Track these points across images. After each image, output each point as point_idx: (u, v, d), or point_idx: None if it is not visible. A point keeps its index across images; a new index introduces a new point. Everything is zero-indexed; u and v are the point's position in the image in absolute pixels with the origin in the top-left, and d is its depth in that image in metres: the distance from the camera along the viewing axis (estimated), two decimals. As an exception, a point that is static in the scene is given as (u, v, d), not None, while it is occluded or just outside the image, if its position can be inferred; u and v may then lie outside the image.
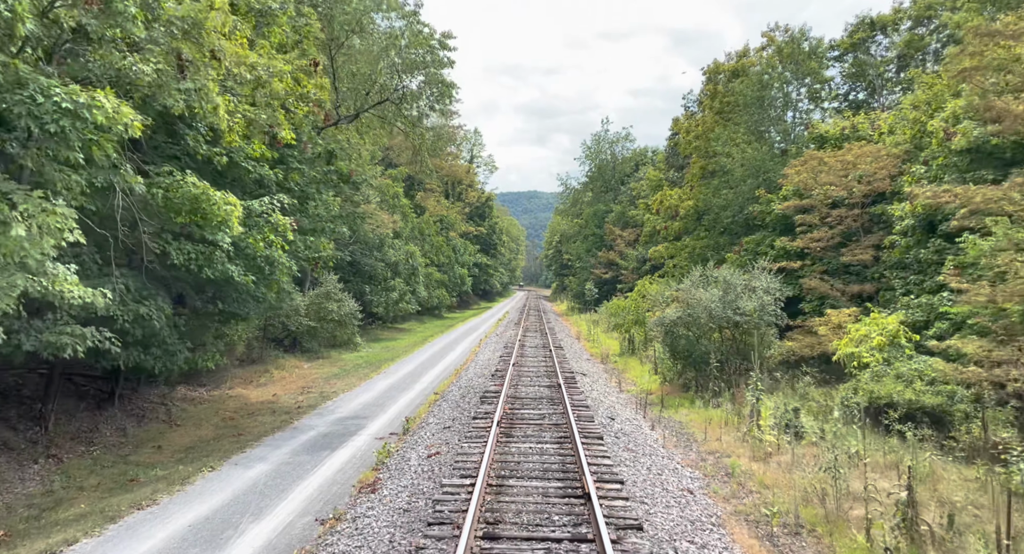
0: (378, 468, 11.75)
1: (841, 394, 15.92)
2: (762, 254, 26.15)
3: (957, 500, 10.01)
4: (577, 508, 8.93)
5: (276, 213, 14.07)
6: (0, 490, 10.67)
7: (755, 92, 30.76)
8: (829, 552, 8.73)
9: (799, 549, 8.90)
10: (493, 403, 16.11)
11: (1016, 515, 9.13)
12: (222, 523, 9.27)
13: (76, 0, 7.13)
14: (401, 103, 21.62)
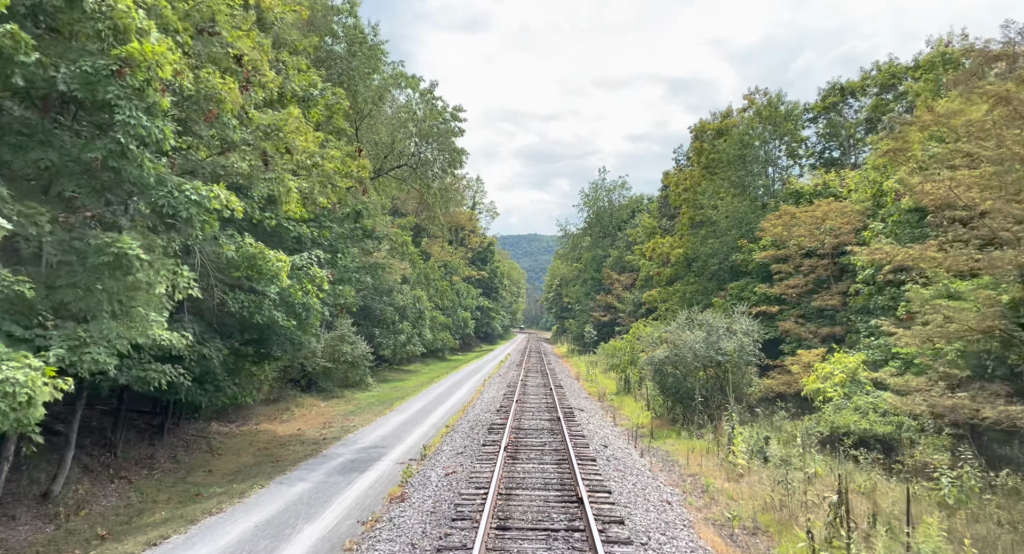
0: (403, 484, 13.82)
1: (805, 424, 18.03)
2: (745, 299, 28.52)
3: (884, 506, 12.08)
4: (572, 509, 11.03)
5: (314, 266, 16.46)
6: (91, 503, 12.74)
7: (737, 150, 33.67)
8: (776, 545, 10.79)
9: (753, 544, 10.95)
10: (499, 433, 18.19)
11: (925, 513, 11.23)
12: (281, 524, 11.34)
13: (199, 116, 9.66)
14: (417, 167, 24.46)
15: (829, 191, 28.43)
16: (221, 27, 10.15)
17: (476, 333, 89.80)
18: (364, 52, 22.36)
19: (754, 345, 23.14)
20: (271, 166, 11.26)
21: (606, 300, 66.92)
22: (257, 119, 10.73)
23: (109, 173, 8.37)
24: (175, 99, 9.06)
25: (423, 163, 23.92)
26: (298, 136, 11.66)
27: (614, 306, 64.46)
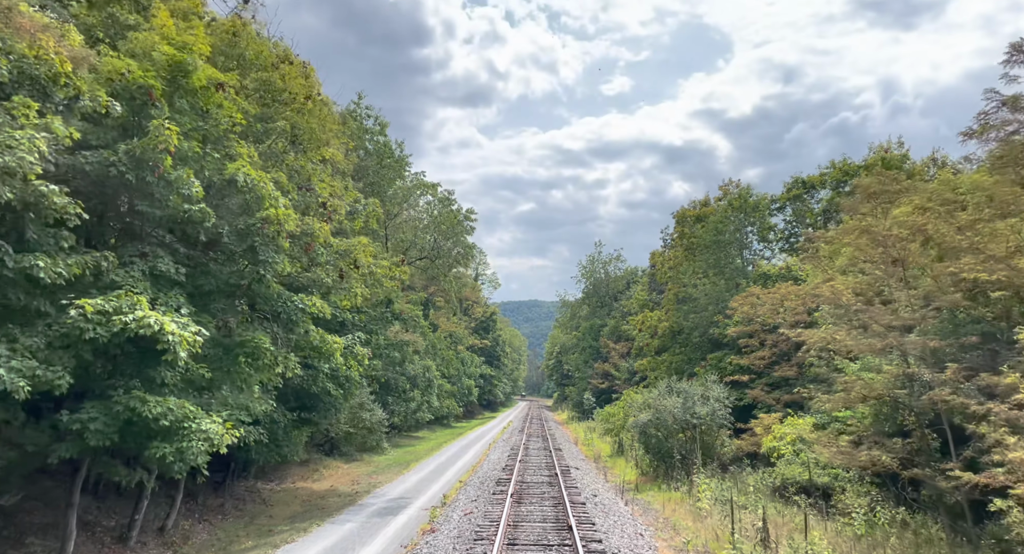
0: (431, 522, 17.37)
1: (760, 476, 21.59)
2: (721, 369, 32.35)
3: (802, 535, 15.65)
4: (564, 533, 14.66)
5: (357, 345, 20.53)
6: (192, 537, 16.32)
7: (713, 236, 38.33)
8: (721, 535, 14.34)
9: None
10: (506, 485, 21.74)
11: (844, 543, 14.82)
12: (343, 548, 14.91)
13: (301, 247, 13.97)
14: (435, 259, 29.03)
15: (791, 274, 32.79)
16: (314, 184, 14.58)
17: (479, 400, 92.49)
18: (391, 164, 27.31)
19: (724, 410, 26.82)
20: (346, 279, 15.54)
21: (603, 368, 70.34)
22: (336, 245, 15.10)
23: (249, 292, 12.57)
24: (290, 239, 13.38)
25: (440, 255, 28.51)
26: (362, 255, 15.98)
27: (611, 373, 67.84)
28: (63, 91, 10.10)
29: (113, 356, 10.49)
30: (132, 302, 9.90)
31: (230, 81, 13.14)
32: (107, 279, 10.54)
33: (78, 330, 9.43)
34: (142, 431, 10.30)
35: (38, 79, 9.62)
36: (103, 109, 10.59)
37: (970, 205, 13.61)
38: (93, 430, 9.88)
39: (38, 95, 9.78)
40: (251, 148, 13.20)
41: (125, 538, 13.91)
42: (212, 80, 12.41)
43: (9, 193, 8.71)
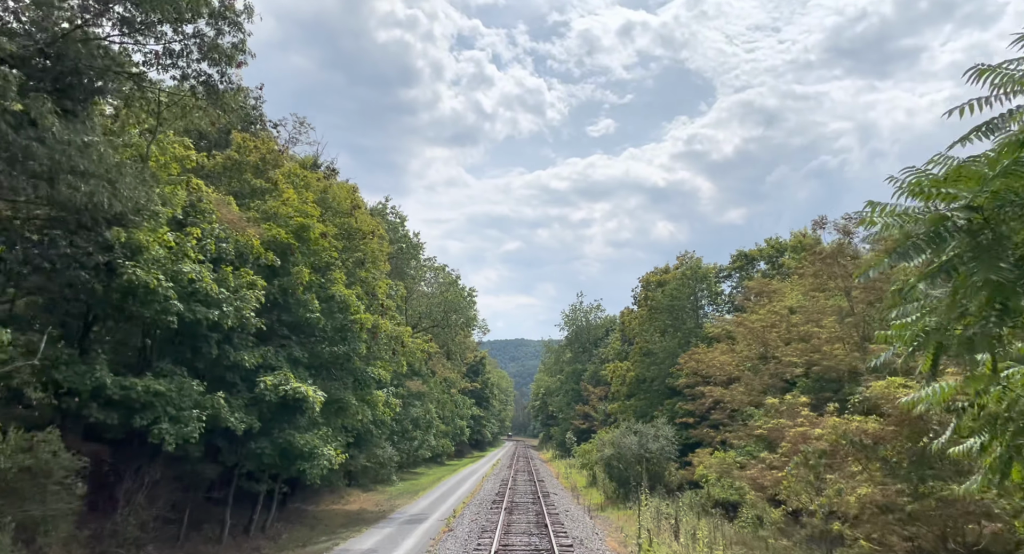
0: (448, 526, 24.21)
1: (693, 496, 28.64)
2: (674, 413, 39.54)
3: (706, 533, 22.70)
4: (542, 529, 21.66)
5: (391, 397, 27.60)
6: (282, 533, 23.04)
7: (669, 301, 46.04)
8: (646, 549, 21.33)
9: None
10: (500, 504, 28.61)
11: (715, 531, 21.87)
12: (389, 542, 21.73)
13: (371, 339, 21.14)
14: (443, 327, 36.38)
15: (730, 335, 40.37)
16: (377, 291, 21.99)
17: (469, 440, 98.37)
18: (408, 249, 34.83)
19: (672, 446, 33.96)
20: (397, 354, 22.70)
21: (584, 410, 77.08)
22: (389, 330, 22.32)
23: (342, 366, 19.77)
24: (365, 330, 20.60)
25: (448, 325, 35.84)
26: (407, 338, 23.17)
27: (590, 415, 74.57)
28: (252, 254, 17.49)
29: (277, 408, 17.58)
30: (286, 377, 17.12)
31: (330, 231, 20.64)
32: (269, 362, 17.78)
33: (263, 395, 16.61)
34: (291, 455, 17.37)
35: (244, 252, 17.02)
36: (269, 262, 17.98)
37: (798, 310, 21.20)
38: (267, 453, 16.96)
39: (240, 260, 17.18)
40: (340, 272, 20.61)
41: (247, 530, 20.72)
42: (321, 232, 19.89)
43: (231, 321, 16.00)
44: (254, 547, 20.75)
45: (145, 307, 14.00)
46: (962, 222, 5.55)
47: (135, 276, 13.36)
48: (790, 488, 16.47)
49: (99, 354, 13.91)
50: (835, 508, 13.46)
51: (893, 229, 6.26)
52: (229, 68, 16.39)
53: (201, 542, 18.85)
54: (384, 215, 34.12)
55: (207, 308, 14.99)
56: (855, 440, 12.43)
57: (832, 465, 14.22)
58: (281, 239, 18.62)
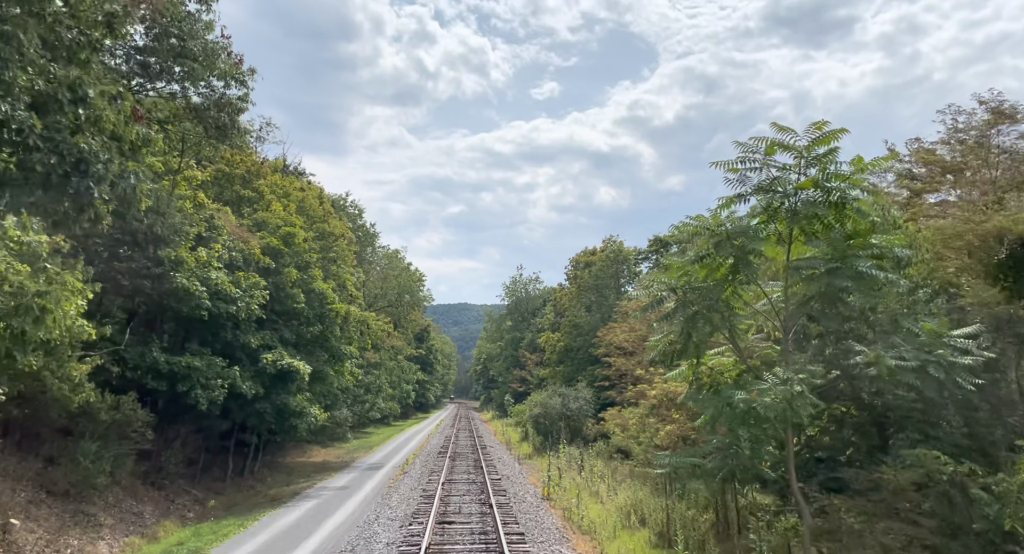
0: (402, 471, 30.15)
1: (602, 446, 35.49)
2: (594, 377, 46.36)
3: (606, 471, 29.45)
4: (479, 472, 27.89)
5: (355, 368, 32.98)
6: (264, 478, 28.46)
7: (594, 281, 52.59)
8: (556, 480, 27.88)
9: (547, 480, 27.99)
10: (445, 454, 34.74)
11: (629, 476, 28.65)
12: (357, 482, 27.50)
13: (344, 322, 26.27)
14: (397, 307, 41.61)
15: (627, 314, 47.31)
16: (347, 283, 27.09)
17: (414, 403, 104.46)
18: (365, 237, 39.69)
19: (589, 406, 40.74)
20: (364, 334, 28.04)
21: (521, 374, 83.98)
22: (358, 315, 27.56)
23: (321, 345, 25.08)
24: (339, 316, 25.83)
25: (400, 304, 41.03)
26: (372, 321, 28.43)
27: (527, 379, 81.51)
28: (254, 259, 22.46)
29: (274, 379, 22.82)
30: (282, 354, 22.41)
31: (309, 236, 25.64)
32: (267, 343, 22.99)
33: (265, 368, 21.89)
34: (286, 413, 22.78)
35: (249, 258, 22.00)
36: (266, 265, 22.98)
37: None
38: (268, 412, 22.33)
39: (246, 265, 22.15)
40: (319, 269, 25.73)
41: (242, 473, 26.11)
42: (303, 238, 24.92)
43: (244, 314, 21.12)
44: (249, 485, 26.17)
45: (184, 304, 19.02)
46: (666, 294, 11.63)
47: (180, 283, 18.37)
48: (635, 428, 23.20)
49: (153, 340, 18.86)
50: (656, 441, 20.00)
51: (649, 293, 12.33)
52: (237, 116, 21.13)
53: (211, 480, 24.12)
54: (344, 208, 38.87)
55: (227, 304, 20.07)
56: (669, 398, 18.84)
57: (660, 414, 20.77)
58: (273, 245, 23.60)
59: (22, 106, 7.92)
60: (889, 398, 11.61)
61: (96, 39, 9.23)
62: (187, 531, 17.36)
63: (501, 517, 17.68)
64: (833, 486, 11.71)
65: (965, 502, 9.15)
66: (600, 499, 22.76)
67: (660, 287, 12.29)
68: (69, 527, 14.60)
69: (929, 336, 10.84)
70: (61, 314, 9.88)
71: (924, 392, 10.61)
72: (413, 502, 20.98)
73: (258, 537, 16.45)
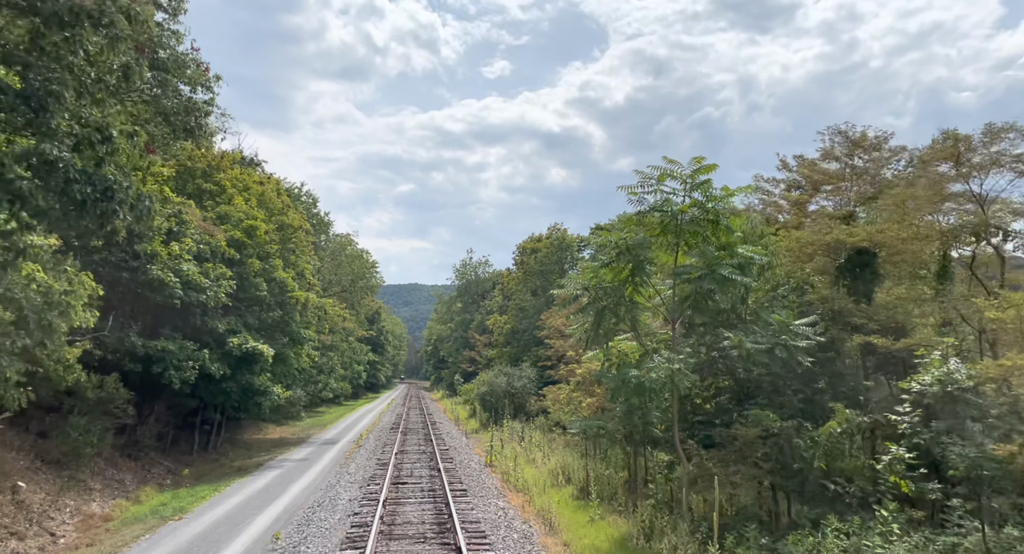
0: (357, 445, 32.60)
1: (542, 420, 38.72)
2: (538, 357, 49.52)
3: (542, 442, 32.63)
4: (429, 444, 30.63)
5: (312, 350, 35.05)
6: (225, 453, 30.49)
7: (539, 267, 55.59)
8: (499, 452, 30.90)
9: (490, 450, 30.97)
10: (397, 430, 37.33)
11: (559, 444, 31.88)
12: (313, 456, 29.85)
13: (304, 308, 28.26)
14: (351, 292, 43.55)
15: (583, 296, 50.65)
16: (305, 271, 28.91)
17: (364, 383, 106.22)
18: (319, 224, 41.40)
19: (532, 384, 43.89)
20: (322, 320, 30.11)
21: (471, 355, 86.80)
22: (315, 302, 29.61)
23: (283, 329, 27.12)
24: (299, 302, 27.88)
25: (354, 290, 42.92)
26: (329, 307, 30.47)
27: (476, 359, 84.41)
28: (220, 251, 24.33)
29: (239, 360, 24.83)
30: (246, 338, 24.49)
31: (270, 228, 27.51)
32: (233, 328, 24.99)
33: (231, 351, 23.95)
34: (251, 392, 24.89)
35: (217, 251, 23.87)
36: (231, 256, 24.87)
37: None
38: (234, 392, 24.41)
39: (213, 256, 24.02)
40: (279, 259, 27.68)
41: (206, 448, 28.14)
42: (265, 231, 26.82)
43: (212, 302, 23.08)
44: (213, 459, 28.20)
45: (158, 294, 20.91)
46: (581, 292, 14.50)
47: (155, 275, 20.25)
48: (565, 401, 26.46)
49: (131, 326, 20.68)
50: (581, 412, 23.17)
51: (569, 290, 15.18)
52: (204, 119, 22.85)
53: (179, 454, 26.07)
54: (299, 198, 40.36)
55: (197, 293, 22.00)
56: (592, 375, 21.96)
57: (585, 389, 23.93)
58: (237, 238, 25.46)
59: (66, 148, 10.02)
60: (751, 373, 14.83)
61: (112, 84, 11.25)
62: (166, 495, 19.51)
63: (448, 478, 20.46)
64: (708, 442, 14.90)
65: (789, 448, 12.35)
66: (535, 464, 25.83)
67: (576, 286, 15.16)
68: (65, 490, 16.64)
69: (778, 325, 14.04)
70: (80, 308, 11.92)
71: (772, 368, 13.83)
72: (370, 469, 23.56)
73: (233, 499, 18.77)
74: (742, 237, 14.85)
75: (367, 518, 15.11)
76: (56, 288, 11.28)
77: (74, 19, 9.92)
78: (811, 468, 12.13)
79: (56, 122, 9.85)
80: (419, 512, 16.12)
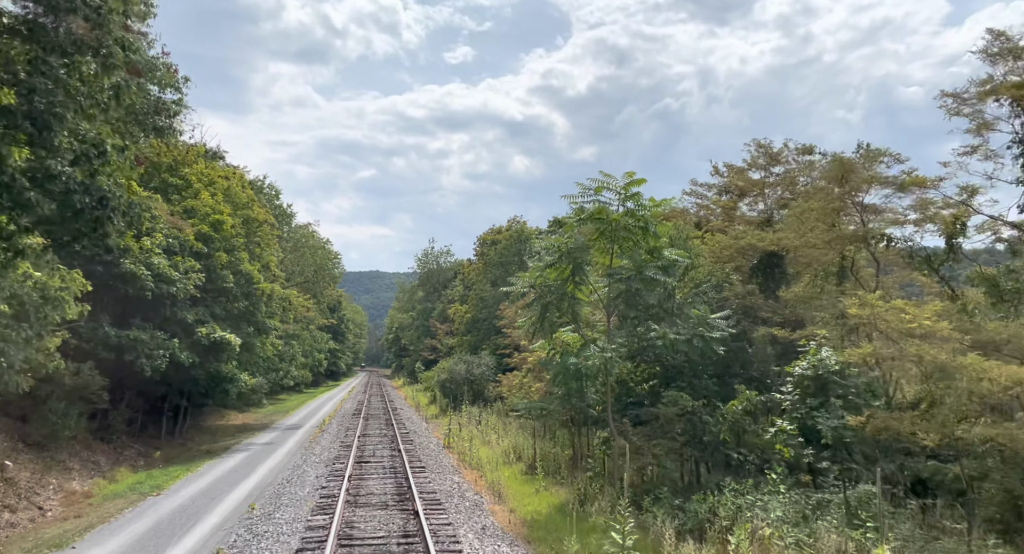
0: (320, 430, 34.02)
1: (499, 405, 40.69)
2: (497, 345, 51.42)
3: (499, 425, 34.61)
4: (391, 429, 32.27)
5: (276, 339, 36.20)
6: (193, 437, 31.57)
7: (499, 258, 57.38)
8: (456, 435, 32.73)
9: (448, 433, 32.80)
10: (359, 415, 38.81)
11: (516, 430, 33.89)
12: (277, 440, 31.19)
13: (269, 299, 29.43)
14: (315, 283, 44.59)
15: (540, 287, 52.68)
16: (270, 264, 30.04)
17: (325, 371, 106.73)
18: (282, 216, 42.27)
19: (491, 371, 45.80)
20: (286, 310, 31.23)
21: (432, 343, 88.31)
22: (280, 293, 30.73)
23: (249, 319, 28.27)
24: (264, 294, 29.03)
25: (317, 281, 43.97)
26: (293, 298, 31.61)
27: (437, 347, 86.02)
28: (189, 245, 25.38)
29: (208, 349, 25.97)
30: (214, 328, 25.68)
31: (236, 222, 28.56)
32: (201, 318, 26.14)
33: (200, 340, 25.13)
34: (219, 379, 26.10)
35: (186, 245, 24.93)
36: (199, 249, 25.93)
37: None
38: (202, 379, 25.59)
39: (181, 250, 25.08)
40: (245, 252, 28.79)
41: (172, 433, 29.24)
42: (231, 225, 27.90)
43: (182, 294, 24.22)
44: (180, 443, 29.32)
45: (130, 286, 21.98)
46: (528, 289, 16.36)
47: (128, 268, 21.34)
48: (518, 386, 28.47)
49: (104, 316, 21.69)
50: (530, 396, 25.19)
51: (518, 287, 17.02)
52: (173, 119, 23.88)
53: (148, 438, 27.14)
54: (262, 190, 41.13)
55: (168, 285, 23.11)
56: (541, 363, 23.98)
57: (536, 375, 25.97)
58: (204, 231, 26.52)
59: (66, 162, 11.32)
60: (676, 359, 16.96)
61: (104, 102, 12.50)
62: (141, 475, 20.77)
63: (408, 458, 22.20)
64: (638, 421, 17.00)
65: (701, 424, 14.48)
66: (490, 445, 27.76)
67: (524, 284, 17.02)
68: (47, 470, 17.81)
69: (697, 318, 16.16)
70: (72, 302, 13.15)
71: (691, 355, 15.95)
72: (334, 450, 25.14)
73: (205, 477, 20.16)
74: (668, 242, 16.90)
75: (334, 491, 16.77)
76: (52, 285, 12.52)
77: (75, 49, 11.23)
78: (718, 440, 14.28)
79: (58, 140, 11.16)
80: (381, 485, 17.84)
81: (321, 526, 13.39)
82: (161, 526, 14.34)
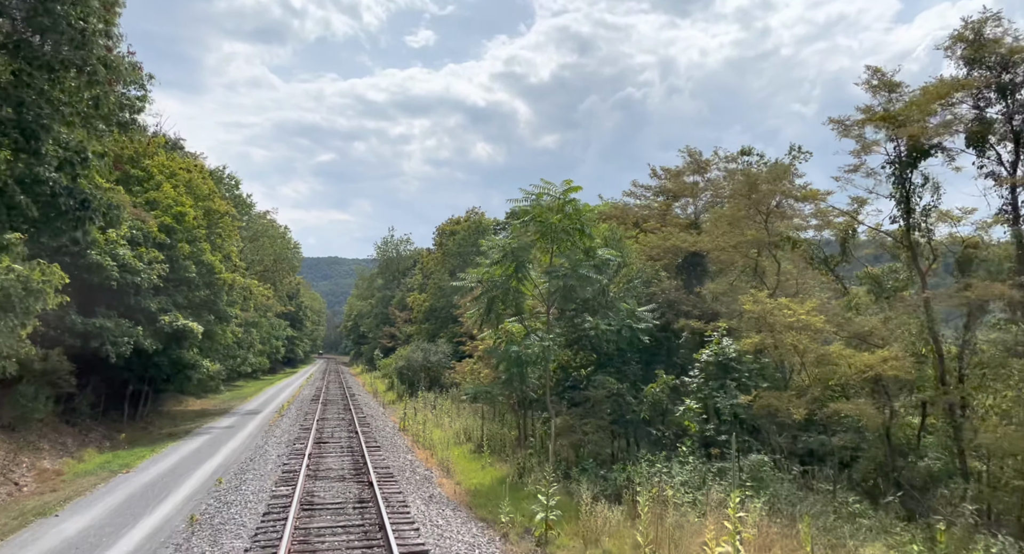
0: (279, 415, 35.21)
1: (455, 392, 42.41)
2: (454, 334, 53.04)
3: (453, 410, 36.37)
4: (348, 414, 33.69)
5: (236, 327, 37.09)
6: (154, 421, 32.43)
7: (457, 248, 58.87)
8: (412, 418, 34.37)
9: (404, 417, 34.42)
10: (317, 401, 40.05)
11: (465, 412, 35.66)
12: (236, 425, 32.31)
13: (230, 288, 30.34)
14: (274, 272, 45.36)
15: (497, 277, 54.46)
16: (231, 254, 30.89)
17: (282, 358, 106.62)
18: (242, 205, 42.86)
19: (447, 358, 47.44)
20: (247, 299, 32.17)
21: (390, 331, 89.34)
22: (241, 282, 31.63)
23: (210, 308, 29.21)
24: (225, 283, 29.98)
25: (276, 270, 44.72)
26: (254, 287, 32.55)
27: (396, 335, 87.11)
28: (152, 236, 26.23)
29: (170, 337, 26.91)
30: (177, 316, 26.68)
31: (198, 214, 29.39)
32: (163, 307, 27.07)
33: (163, 328, 26.12)
34: (181, 365, 27.11)
35: (149, 236, 25.79)
36: (162, 240, 26.79)
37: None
38: (165, 365, 26.58)
39: (145, 241, 25.93)
40: (207, 243, 29.68)
41: (134, 418, 30.12)
42: (193, 217, 28.76)
43: (146, 284, 25.16)
44: (142, 427, 30.21)
45: (96, 276, 22.88)
46: (475, 284, 18.10)
47: (95, 259, 22.24)
48: (469, 373, 30.33)
49: (70, 304, 22.53)
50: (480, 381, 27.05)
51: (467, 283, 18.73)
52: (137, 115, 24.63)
53: (111, 422, 28.00)
54: (222, 180, 41.61)
55: (132, 275, 24.04)
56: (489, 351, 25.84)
57: (485, 362, 27.82)
58: (167, 223, 27.37)
59: (52, 168, 12.48)
60: (609, 347, 18.95)
61: (83, 111, 13.61)
62: (108, 455, 21.85)
63: (364, 439, 23.79)
64: (574, 402, 18.96)
65: (624, 404, 16.49)
66: (443, 427, 29.53)
67: (472, 279, 18.72)
68: (20, 450, 18.83)
69: (626, 311, 18.15)
70: (52, 293, 14.23)
71: (620, 344, 17.94)
72: (294, 432, 26.52)
73: (170, 457, 21.38)
74: (603, 242, 18.83)
75: (295, 466, 18.29)
76: (34, 277, 13.59)
77: (60, 66, 12.41)
78: (639, 419, 16.32)
79: (45, 148, 12.35)
80: (339, 462, 19.43)
81: (285, 495, 14.95)
82: (135, 498, 15.66)
